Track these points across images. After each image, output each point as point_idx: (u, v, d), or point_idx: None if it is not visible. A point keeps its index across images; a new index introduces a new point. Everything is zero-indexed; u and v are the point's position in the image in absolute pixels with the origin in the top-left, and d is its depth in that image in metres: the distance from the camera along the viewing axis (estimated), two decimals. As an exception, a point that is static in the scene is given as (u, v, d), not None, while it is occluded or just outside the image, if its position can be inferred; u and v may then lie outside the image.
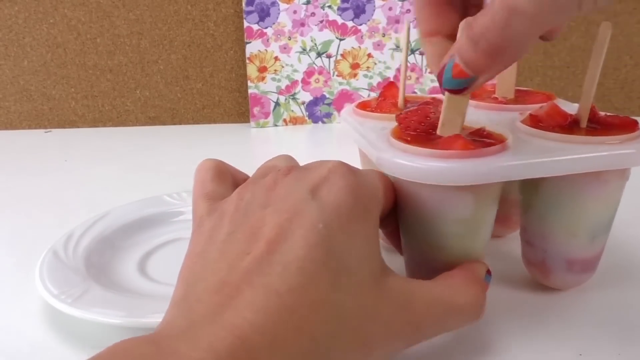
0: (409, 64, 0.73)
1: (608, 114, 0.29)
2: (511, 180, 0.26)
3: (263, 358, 0.18)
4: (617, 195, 0.29)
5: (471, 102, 0.36)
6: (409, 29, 0.35)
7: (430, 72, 0.73)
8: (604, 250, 0.31)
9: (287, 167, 0.26)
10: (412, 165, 0.25)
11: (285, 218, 0.22)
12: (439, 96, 0.42)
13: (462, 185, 0.26)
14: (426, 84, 0.74)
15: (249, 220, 0.23)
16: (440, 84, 0.25)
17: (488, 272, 0.27)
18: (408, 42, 0.35)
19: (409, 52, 0.73)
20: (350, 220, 0.22)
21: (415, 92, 0.73)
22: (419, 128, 0.28)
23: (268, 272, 0.20)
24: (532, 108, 0.31)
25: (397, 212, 0.29)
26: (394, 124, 0.30)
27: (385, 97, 0.37)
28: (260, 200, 0.24)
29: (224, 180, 0.28)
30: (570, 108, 0.30)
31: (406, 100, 0.37)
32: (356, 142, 0.32)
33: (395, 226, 0.30)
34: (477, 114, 0.34)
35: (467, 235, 0.27)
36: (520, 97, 0.37)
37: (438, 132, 0.27)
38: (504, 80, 0.37)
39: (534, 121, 0.29)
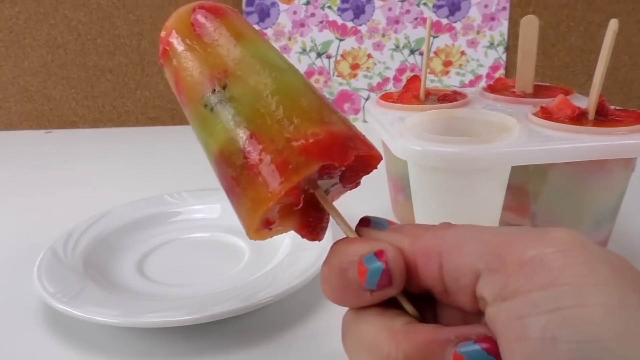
0: (408, 64, 0.73)
1: (617, 107, 0.31)
2: (518, 165, 0.28)
3: None
4: (621, 185, 0.30)
5: (490, 95, 0.39)
6: (430, 24, 0.36)
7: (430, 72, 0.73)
8: (609, 239, 0.32)
9: None
10: (422, 150, 0.27)
11: None
12: (458, 89, 0.45)
13: (470, 170, 0.27)
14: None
15: None
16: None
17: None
18: (429, 37, 0.37)
19: (410, 52, 0.73)
20: None
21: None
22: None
23: None
24: (546, 102, 0.33)
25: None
26: (413, 114, 0.33)
27: (409, 89, 0.39)
28: None
29: None
30: (586, 103, 0.31)
31: (428, 93, 0.39)
32: (377, 132, 0.34)
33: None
34: (495, 107, 0.36)
35: (477, 219, 0.28)
36: (539, 91, 0.39)
37: None
38: (523, 76, 0.39)
39: (545, 113, 0.31)
